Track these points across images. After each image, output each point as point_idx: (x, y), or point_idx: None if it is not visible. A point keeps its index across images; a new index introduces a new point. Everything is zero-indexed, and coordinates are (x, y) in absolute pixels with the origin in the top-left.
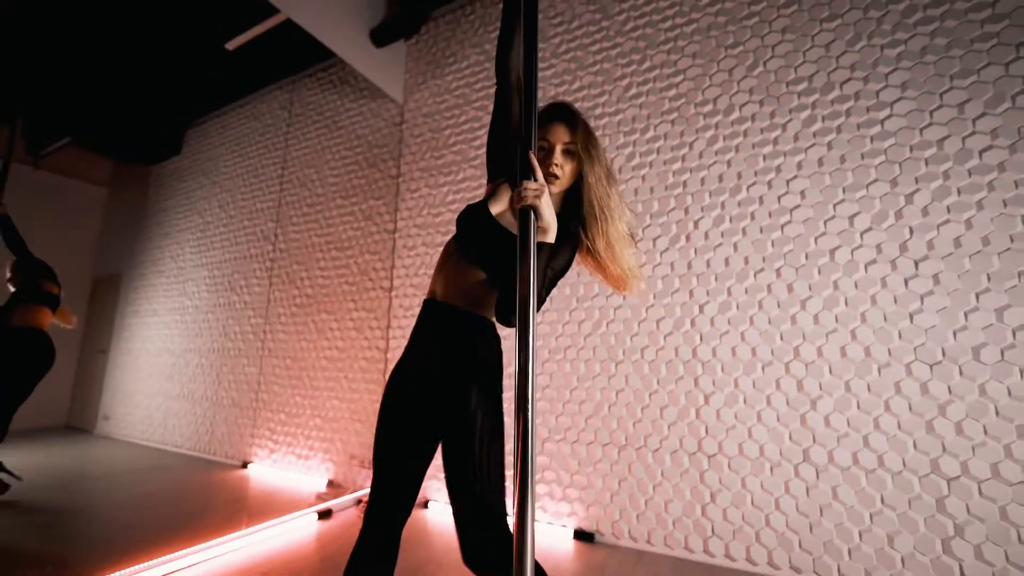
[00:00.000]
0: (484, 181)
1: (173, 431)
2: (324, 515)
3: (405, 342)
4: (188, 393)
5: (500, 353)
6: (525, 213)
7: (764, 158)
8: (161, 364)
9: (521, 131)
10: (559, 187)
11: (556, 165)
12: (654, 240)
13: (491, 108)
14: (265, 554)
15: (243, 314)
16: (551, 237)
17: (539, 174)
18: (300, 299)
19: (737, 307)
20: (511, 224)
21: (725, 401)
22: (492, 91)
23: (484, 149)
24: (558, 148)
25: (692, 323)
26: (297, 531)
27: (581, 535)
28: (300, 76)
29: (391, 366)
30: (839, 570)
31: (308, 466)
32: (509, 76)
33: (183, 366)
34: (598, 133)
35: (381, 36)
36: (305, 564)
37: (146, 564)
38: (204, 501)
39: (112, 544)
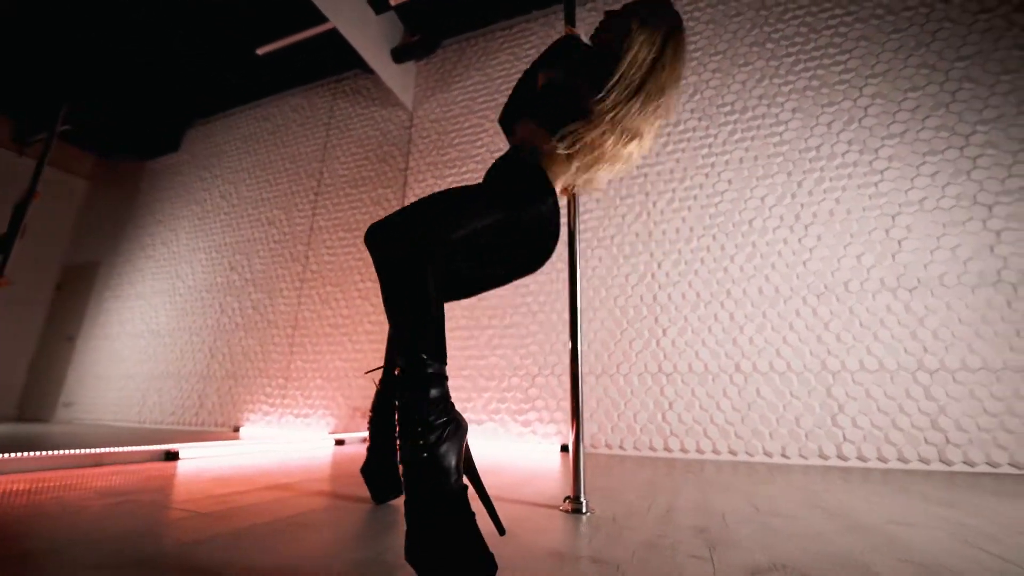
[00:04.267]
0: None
1: (153, 408)
2: (339, 443)
3: None
4: (176, 371)
5: None
6: None
7: (702, 157)
8: (143, 345)
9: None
10: None
11: None
12: (623, 216)
13: (492, 117)
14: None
15: (243, 291)
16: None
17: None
18: (305, 275)
19: (685, 263)
20: None
21: (678, 332)
22: (493, 105)
23: (484, 150)
24: None
25: (652, 276)
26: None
27: (567, 448)
28: (315, 85)
29: None
30: (763, 449)
31: (307, 423)
32: None
33: (171, 345)
34: None
35: (399, 55)
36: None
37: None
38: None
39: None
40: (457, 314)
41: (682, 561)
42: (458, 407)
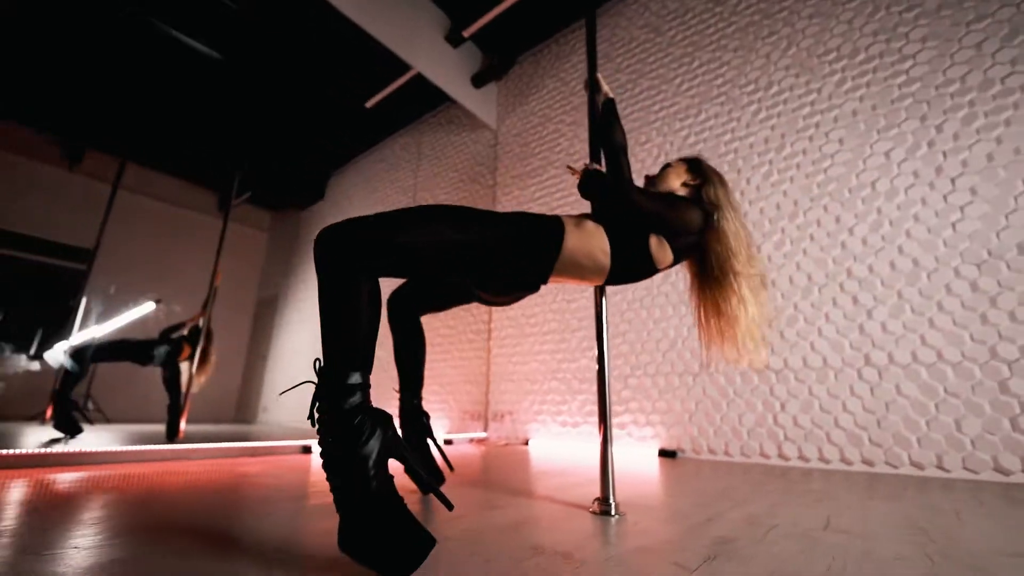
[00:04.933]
0: (565, 179)
1: None
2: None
3: (504, 318)
4: None
5: None
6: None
7: (803, 118)
8: (307, 361)
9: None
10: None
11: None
12: None
13: (570, 121)
14: None
15: None
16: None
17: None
18: None
19: (790, 242)
20: None
21: (787, 322)
22: (568, 108)
23: (563, 154)
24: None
25: None
26: None
27: (665, 453)
28: (416, 123)
29: (494, 336)
30: (910, 458)
31: None
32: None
33: None
34: (656, 124)
35: (479, 80)
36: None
37: None
38: None
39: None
40: (548, 317)
41: (659, 567)
42: (552, 411)
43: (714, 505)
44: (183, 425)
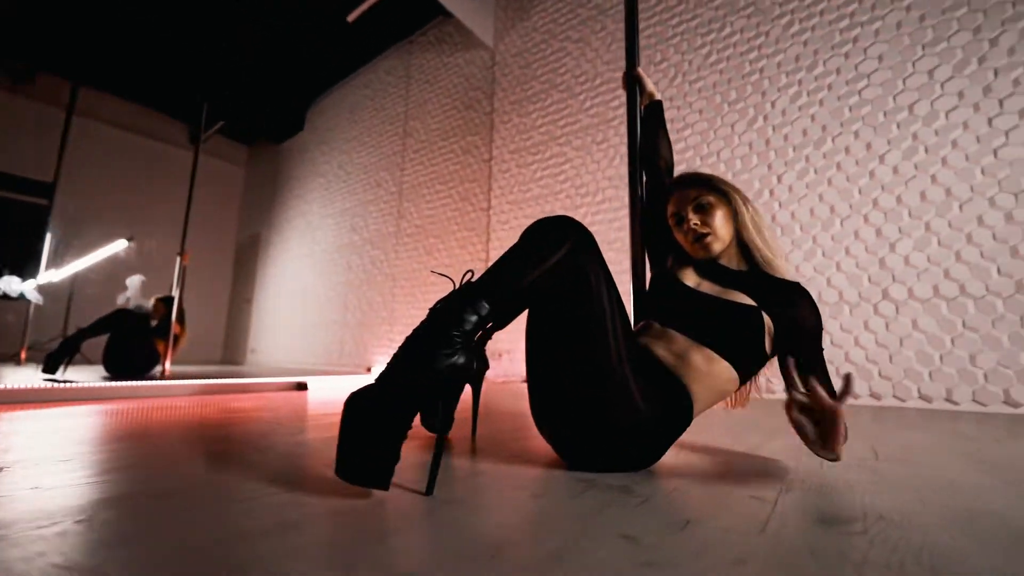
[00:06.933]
0: (570, 103)
1: (309, 352)
2: None
3: (503, 251)
4: (320, 321)
5: None
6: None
7: (840, 32)
8: (296, 301)
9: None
10: (721, 244)
11: (694, 223)
12: (732, 125)
13: (576, 37)
14: None
15: (363, 249)
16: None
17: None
18: (411, 230)
19: (814, 172)
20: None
21: (804, 256)
22: (576, 22)
23: (569, 75)
24: (690, 207)
25: (771, 192)
26: None
27: None
28: (404, 43)
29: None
30: (919, 391)
31: None
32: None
33: (315, 299)
34: (674, 41)
35: None
36: None
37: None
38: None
39: None
40: None
41: (733, 497)
42: None
43: (743, 438)
44: (168, 366)
